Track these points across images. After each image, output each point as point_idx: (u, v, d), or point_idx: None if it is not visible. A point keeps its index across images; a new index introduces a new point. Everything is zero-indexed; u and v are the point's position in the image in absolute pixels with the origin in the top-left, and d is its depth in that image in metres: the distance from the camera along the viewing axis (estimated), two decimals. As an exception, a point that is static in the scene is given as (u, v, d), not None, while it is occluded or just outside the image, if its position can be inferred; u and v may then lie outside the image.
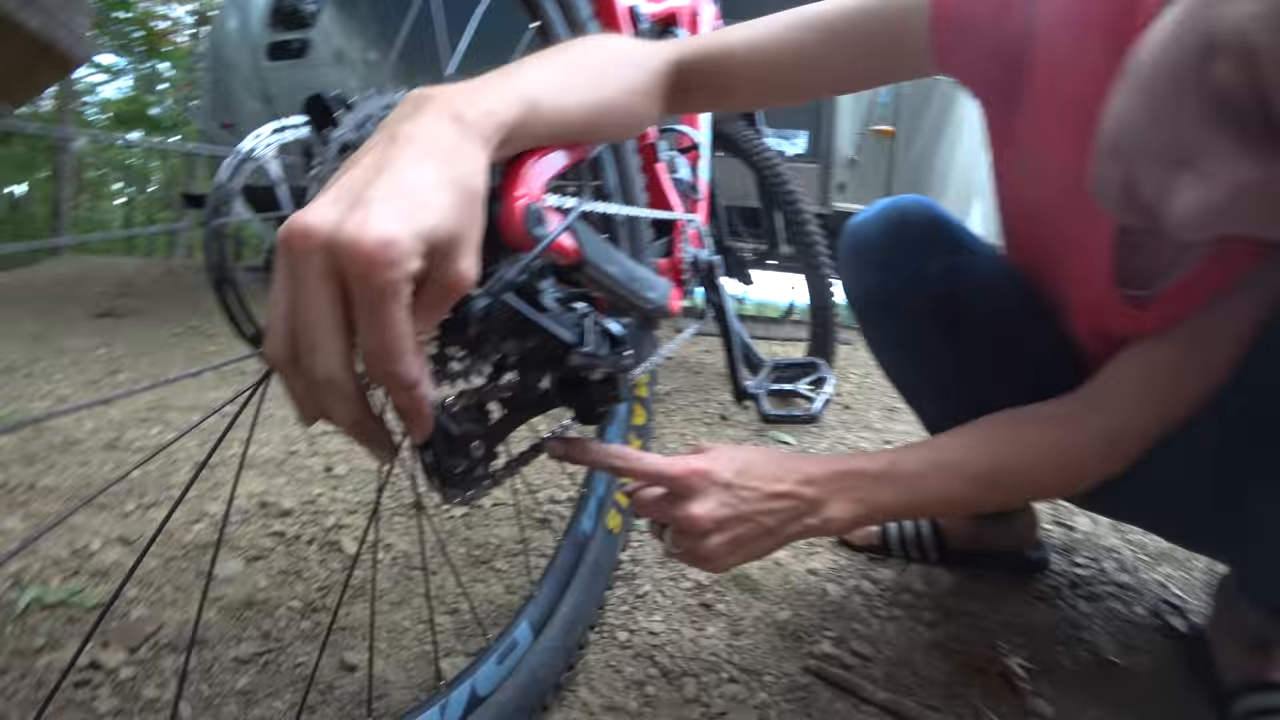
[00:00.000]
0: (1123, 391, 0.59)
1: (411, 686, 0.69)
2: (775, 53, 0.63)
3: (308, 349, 0.31)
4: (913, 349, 0.85)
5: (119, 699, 0.61)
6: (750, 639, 0.79)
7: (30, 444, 1.34)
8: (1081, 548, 1.15)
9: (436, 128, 0.36)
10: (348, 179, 0.33)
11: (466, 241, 0.34)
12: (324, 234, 0.30)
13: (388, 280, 0.30)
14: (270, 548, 0.92)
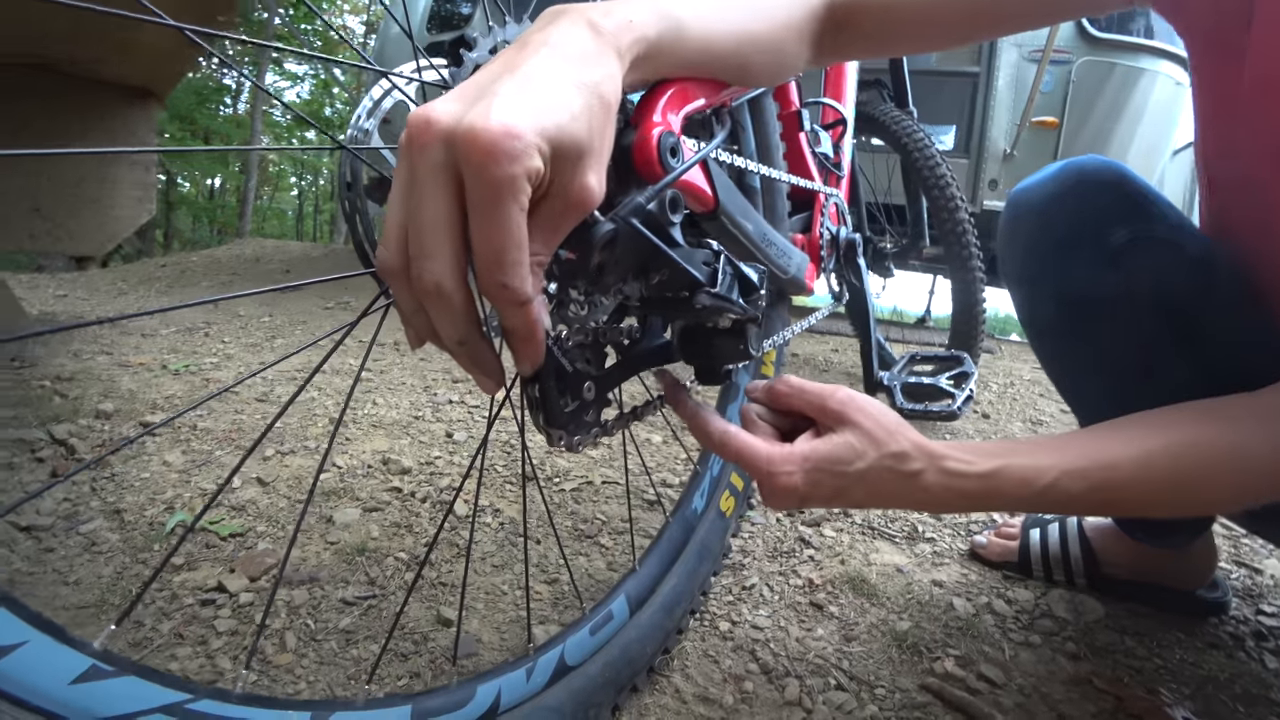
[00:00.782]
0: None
1: (503, 649, 0.68)
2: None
3: (418, 253, 0.30)
4: (1084, 335, 0.73)
5: (236, 621, 0.65)
6: (863, 646, 0.73)
7: (198, 391, 1.49)
8: (1271, 595, 0.97)
9: (572, 33, 0.34)
10: (476, 76, 0.31)
11: (594, 152, 0.31)
12: (445, 125, 0.28)
13: (506, 174, 0.27)
14: (387, 501, 0.95)
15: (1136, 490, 0.48)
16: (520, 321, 0.32)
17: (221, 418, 1.30)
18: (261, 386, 1.55)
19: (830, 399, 0.47)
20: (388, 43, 5.12)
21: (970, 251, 1.55)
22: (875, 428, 0.46)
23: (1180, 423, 0.51)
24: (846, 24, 0.57)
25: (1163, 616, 0.86)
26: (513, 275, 0.29)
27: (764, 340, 0.77)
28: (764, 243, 0.63)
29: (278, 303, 3.09)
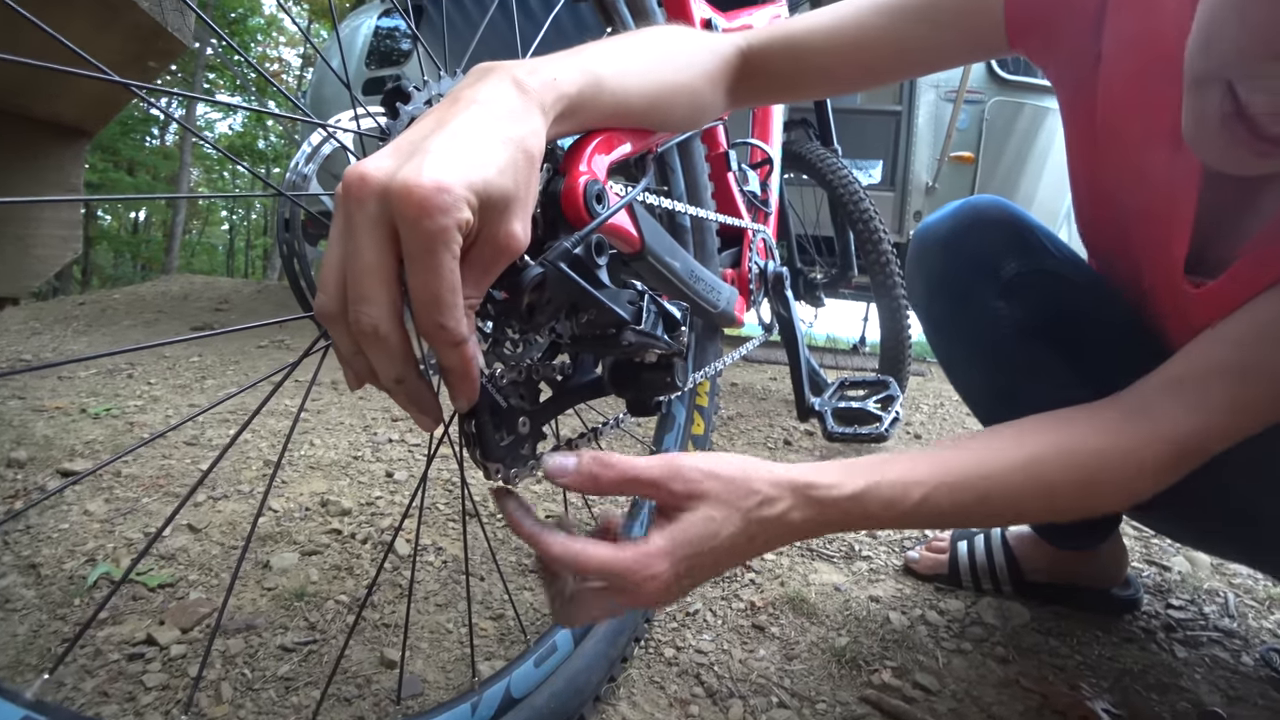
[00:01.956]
0: (1187, 390, 0.52)
1: (449, 688, 0.67)
2: (847, 36, 0.61)
3: (356, 298, 0.31)
4: (982, 357, 0.81)
5: (167, 675, 0.63)
6: (804, 664, 0.75)
7: (121, 437, 1.43)
8: (1178, 589, 1.04)
9: (499, 90, 0.36)
10: (408, 133, 0.33)
11: (520, 202, 0.33)
12: (379, 181, 0.30)
13: (439, 226, 0.29)
14: (326, 544, 0.93)
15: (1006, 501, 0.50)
16: (456, 360, 0.33)
17: (149, 463, 1.25)
18: (192, 430, 1.50)
19: (672, 483, 0.42)
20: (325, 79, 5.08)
21: (895, 281, 1.62)
22: (726, 489, 0.43)
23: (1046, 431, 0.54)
24: (758, 71, 0.62)
25: (1082, 616, 0.91)
26: (448, 317, 0.31)
27: (696, 372, 0.80)
28: (692, 280, 0.66)
29: (208, 342, 2.99)
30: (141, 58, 0.52)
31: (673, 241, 0.59)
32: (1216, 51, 0.42)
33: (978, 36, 0.60)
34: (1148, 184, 0.59)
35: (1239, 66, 0.41)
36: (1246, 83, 0.41)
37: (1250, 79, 0.41)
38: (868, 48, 0.61)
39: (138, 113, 13.85)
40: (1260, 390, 0.51)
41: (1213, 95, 0.43)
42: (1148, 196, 0.59)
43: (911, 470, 0.48)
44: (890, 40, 0.61)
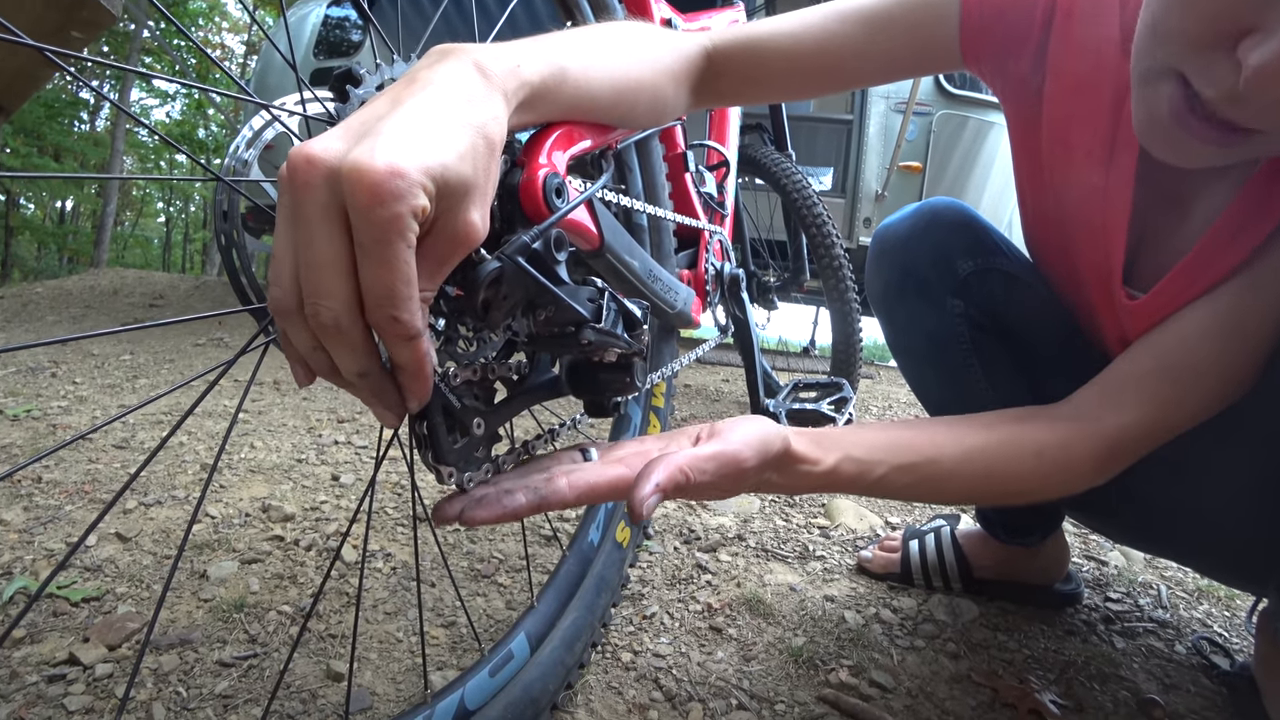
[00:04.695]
0: (1124, 392, 0.56)
1: (399, 700, 0.65)
2: (810, 41, 0.61)
3: (313, 292, 0.29)
4: (932, 348, 0.83)
5: (91, 696, 0.58)
6: (762, 665, 0.75)
7: (43, 440, 1.34)
8: (1115, 583, 1.08)
9: (459, 73, 0.34)
10: (359, 113, 0.31)
11: (478, 190, 0.31)
12: (328, 164, 0.27)
13: (393, 213, 0.27)
14: (268, 551, 0.89)
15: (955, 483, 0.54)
16: (409, 357, 0.31)
17: (73, 468, 1.18)
18: (121, 432, 1.42)
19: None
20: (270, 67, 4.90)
21: (846, 285, 1.65)
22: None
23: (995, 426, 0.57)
24: (722, 72, 0.61)
25: (1028, 611, 0.94)
26: (403, 310, 0.29)
27: (653, 373, 0.79)
28: (650, 279, 0.65)
29: (140, 340, 2.85)
30: (64, 27, 0.48)
31: (631, 240, 0.58)
32: (1167, 43, 0.43)
33: (933, 53, 0.62)
34: (1086, 200, 0.61)
35: (1189, 55, 0.42)
36: (1197, 70, 0.42)
37: (1201, 65, 0.42)
38: (829, 55, 0.61)
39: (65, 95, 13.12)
40: (1184, 395, 0.54)
41: (1164, 88, 0.44)
42: (1087, 212, 0.62)
43: (873, 449, 0.53)
44: (850, 49, 0.61)
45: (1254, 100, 0.40)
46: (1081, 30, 0.57)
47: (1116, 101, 0.57)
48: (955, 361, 0.81)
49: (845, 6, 0.62)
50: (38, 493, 1.04)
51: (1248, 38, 0.39)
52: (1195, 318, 0.54)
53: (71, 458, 1.23)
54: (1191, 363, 0.54)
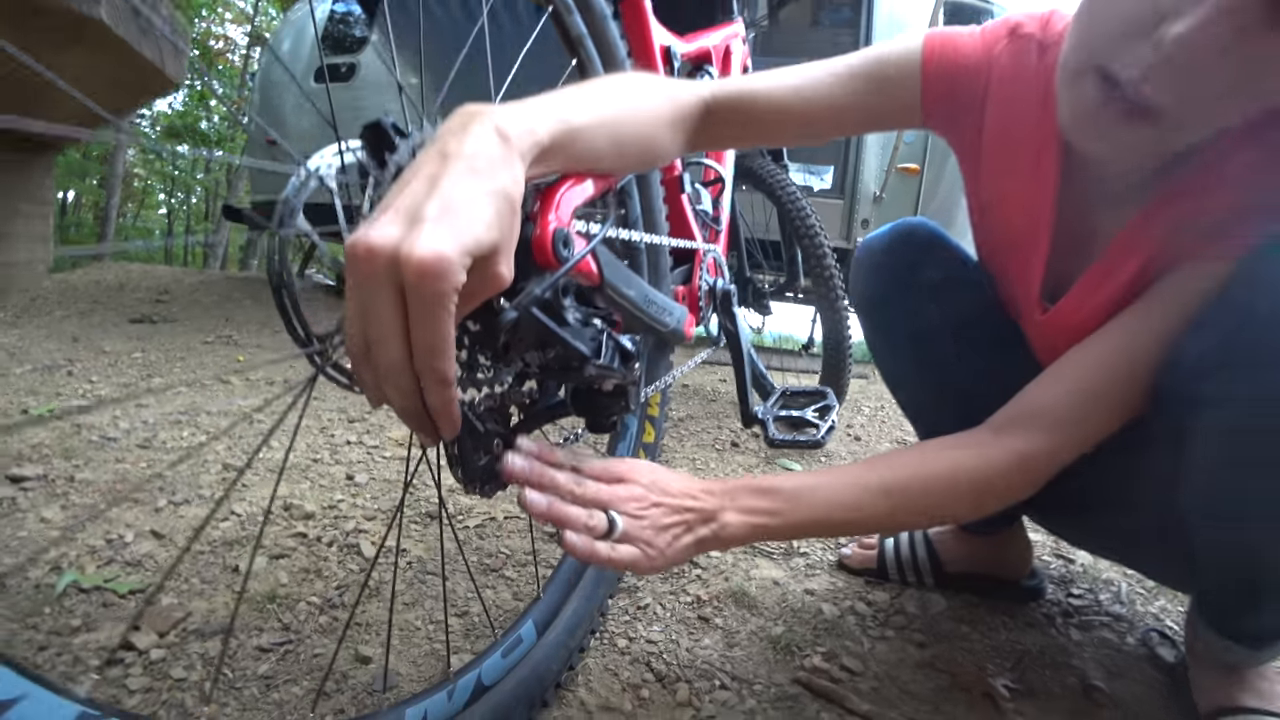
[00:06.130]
0: (1038, 415, 0.63)
1: (420, 680, 0.73)
2: (796, 99, 0.70)
3: (375, 343, 0.36)
4: (905, 344, 0.93)
5: (149, 678, 0.66)
6: (744, 651, 0.83)
7: (69, 440, 1.41)
8: (1080, 580, 1.16)
9: (483, 142, 0.40)
10: (407, 195, 0.37)
11: (505, 248, 0.39)
12: (387, 252, 0.34)
13: (440, 291, 0.34)
14: (293, 547, 0.97)
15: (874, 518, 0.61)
16: (442, 398, 0.39)
17: (101, 468, 1.25)
18: (143, 432, 1.49)
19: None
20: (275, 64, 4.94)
21: (838, 294, 1.72)
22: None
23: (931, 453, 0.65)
24: (717, 121, 0.69)
25: (993, 604, 1.01)
26: (441, 361, 0.37)
27: (648, 385, 0.86)
28: (647, 305, 0.72)
29: (150, 338, 2.91)
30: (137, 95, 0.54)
31: (629, 272, 0.65)
32: (1095, 41, 0.52)
33: (898, 114, 0.72)
34: (1014, 224, 0.72)
35: (1114, 45, 0.51)
36: (1120, 56, 0.50)
37: (1123, 51, 0.50)
38: (812, 111, 0.70)
39: (64, 90, 13.02)
40: (1083, 419, 0.62)
41: (1087, 82, 0.53)
42: (1015, 235, 0.72)
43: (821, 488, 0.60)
44: (830, 106, 0.69)
45: (1166, 71, 0.48)
46: (1010, 92, 0.67)
47: (1038, 149, 0.67)
48: (924, 357, 0.91)
49: (826, 66, 0.70)
50: (73, 492, 1.11)
51: (1164, 22, 0.47)
52: (1093, 348, 0.63)
53: (100, 457, 1.31)
54: (1090, 390, 0.62)
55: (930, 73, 0.69)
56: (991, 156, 0.72)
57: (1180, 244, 0.60)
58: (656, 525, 0.53)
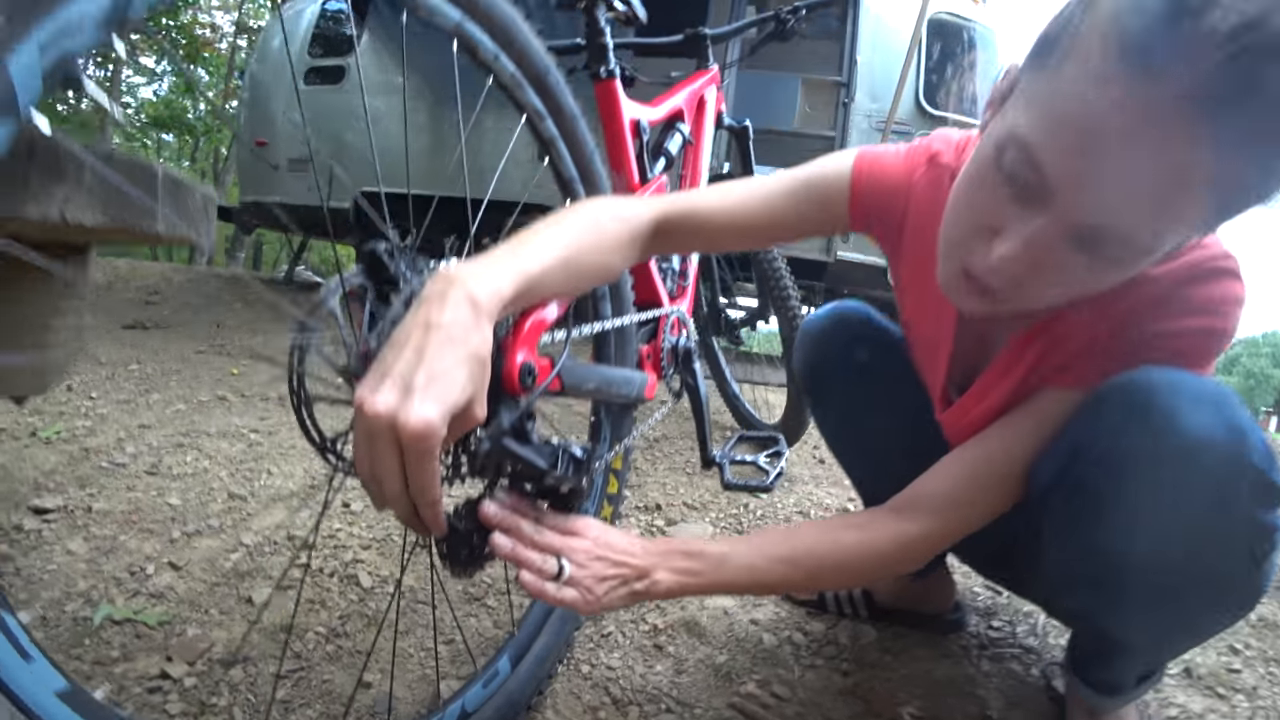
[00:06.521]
0: (935, 499, 0.75)
1: (413, 702, 0.86)
2: (739, 213, 0.81)
3: (380, 478, 0.49)
4: (840, 421, 1.08)
5: (184, 704, 0.79)
6: (690, 677, 0.96)
7: (80, 466, 1.52)
8: (1003, 612, 1.30)
9: (457, 311, 0.51)
10: (401, 363, 0.49)
11: (478, 398, 0.51)
12: (387, 418, 0.47)
13: (427, 448, 0.47)
14: (298, 578, 1.09)
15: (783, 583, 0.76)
16: (431, 515, 0.52)
17: (114, 496, 1.36)
18: (149, 457, 1.60)
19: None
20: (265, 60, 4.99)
21: (800, 331, 1.86)
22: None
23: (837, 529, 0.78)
24: (668, 235, 0.80)
25: (918, 636, 1.15)
26: (429, 491, 0.49)
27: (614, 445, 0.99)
28: (607, 386, 0.85)
29: (143, 345, 3.00)
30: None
31: (587, 369, 0.78)
32: (954, 238, 0.64)
33: (830, 225, 0.85)
34: (925, 330, 0.85)
35: (967, 245, 0.63)
36: (969, 253, 0.62)
37: (971, 250, 0.62)
38: (753, 222, 0.82)
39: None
40: (964, 510, 0.75)
41: (952, 261, 0.65)
42: (926, 338, 0.86)
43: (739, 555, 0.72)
44: (768, 219, 0.81)
45: (999, 275, 0.60)
46: (923, 221, 0.79)
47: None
48: (856, 433, 1.06)
49: (764, 183, 0.83)
50: (92, 523, 1.22)
51: (997, 237, 0.60)
52: (975, 448, 0.76)
53: (111, 484, 1.41)
54: (969, 485, 0.74)
55: (858, 191, 0.81)
56: (907, 268, 0.84)
57: (1046, 368, 0.73)
58: (597, 576, 0.65)
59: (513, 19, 0.77)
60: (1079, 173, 0.53)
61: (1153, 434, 0.61)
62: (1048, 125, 0.54)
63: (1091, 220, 0.54)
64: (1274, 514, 0.61)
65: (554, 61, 0.85)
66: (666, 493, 1.74)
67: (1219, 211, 0.55)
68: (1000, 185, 0.58)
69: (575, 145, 0.95)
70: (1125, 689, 0.85)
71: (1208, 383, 0.63)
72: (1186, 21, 0.46)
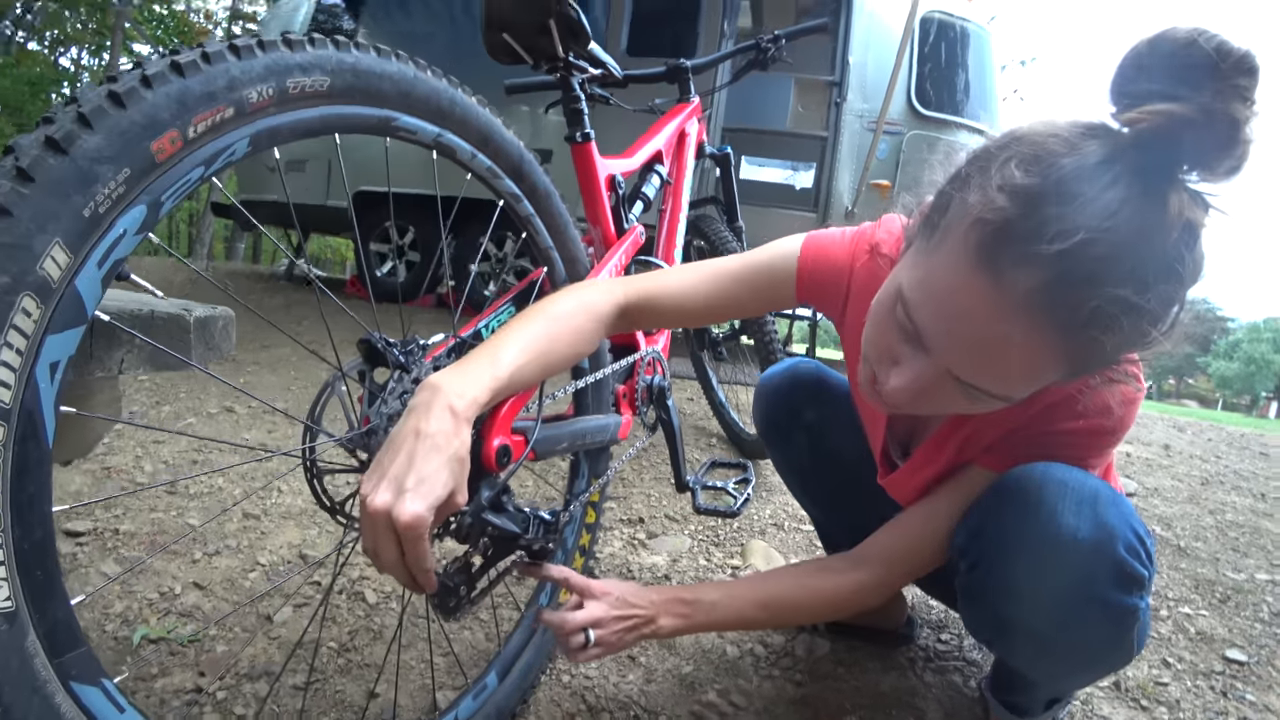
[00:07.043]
0: (880, 556, 0.88)
1: (414, 709, 0.98)
2: (695, 295, 0.92)
3: (379, 555, 0.60)
4: (793, 469, 1.20)
5: (219, 714, 0.91)
6: (658, 685, 1.09)
7: (101, 484, 1.64)
8: (953, 626, 1.39)
9: (439, 421, 0.62)
10: (396, 466, 0.60)
11: (459, 489, 0.63)
12: (384, 513, 0.58)
13: (418, 535, 0.58)
14: (311, 595, 1.21)
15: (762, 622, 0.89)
16: (424, 577, 0.63)
17: (138, 517, 1.48)
18: (166, 474, 1.72)
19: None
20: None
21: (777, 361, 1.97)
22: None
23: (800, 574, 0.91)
24: (631, 317, 0.90)
25: (870, 649, 1.26)
26: (421, 567, 0.60)
27: (594, 480, 1.11)
28: (581, 438, 0.97)
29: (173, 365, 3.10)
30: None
31: (558, 431, 0.90)
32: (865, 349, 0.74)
33: (779, 302, 0.95)
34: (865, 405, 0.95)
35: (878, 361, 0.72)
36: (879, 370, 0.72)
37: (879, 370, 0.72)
38: (708, 302, 0.92)
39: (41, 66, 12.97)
40: (905, 563, 0.87)
41: (865, 371, 0.75)
42: (865, 411, 0.96)
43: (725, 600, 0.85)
44: (722, 298, 0.92)
45: (893, 399, 0.71)
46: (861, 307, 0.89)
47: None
48: (807, 485, 1.19)
49: (716, 266, 0.93)
50: (121, 545, 1.34)
51: (895, 365, 0.70)
52: (916, 513, 0.88)
53: (134, 505, 1.53)
54: (910, 542, 0.87)
55: (803, 274, 0.91)
56: (849, 341, 0.94)
57: (974, 448, 0.84)
58: (614, 631, 0.80)
59: (487, 122, 0.87)
60: (946, 340, 0.63)
61: (1033, 525, 0.73)
62: (924, 294, 0.64)
63: (961, 377, 0.64)
64: (1134, 597, 0.73)
65: (527, 151, 0.96)
66: (650, 505, 1.87)
67: (1076, 370, 0.64)
68: (892, 327, 0.68)
69: (550, 219, 1.06)
70: (1034, 713, 0.98)
71: (1092, 485, 0.74)
72: (1026, 242, 0.55)
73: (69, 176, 0.45)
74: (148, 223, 0.51)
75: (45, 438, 0.46)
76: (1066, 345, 0.58)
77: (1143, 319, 0.56)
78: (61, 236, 0.45)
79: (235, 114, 0.54)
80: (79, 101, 0.47)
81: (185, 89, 0.50)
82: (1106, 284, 0.54)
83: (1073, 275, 0.54)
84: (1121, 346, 0.60)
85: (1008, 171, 0.57)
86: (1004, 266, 0.57)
